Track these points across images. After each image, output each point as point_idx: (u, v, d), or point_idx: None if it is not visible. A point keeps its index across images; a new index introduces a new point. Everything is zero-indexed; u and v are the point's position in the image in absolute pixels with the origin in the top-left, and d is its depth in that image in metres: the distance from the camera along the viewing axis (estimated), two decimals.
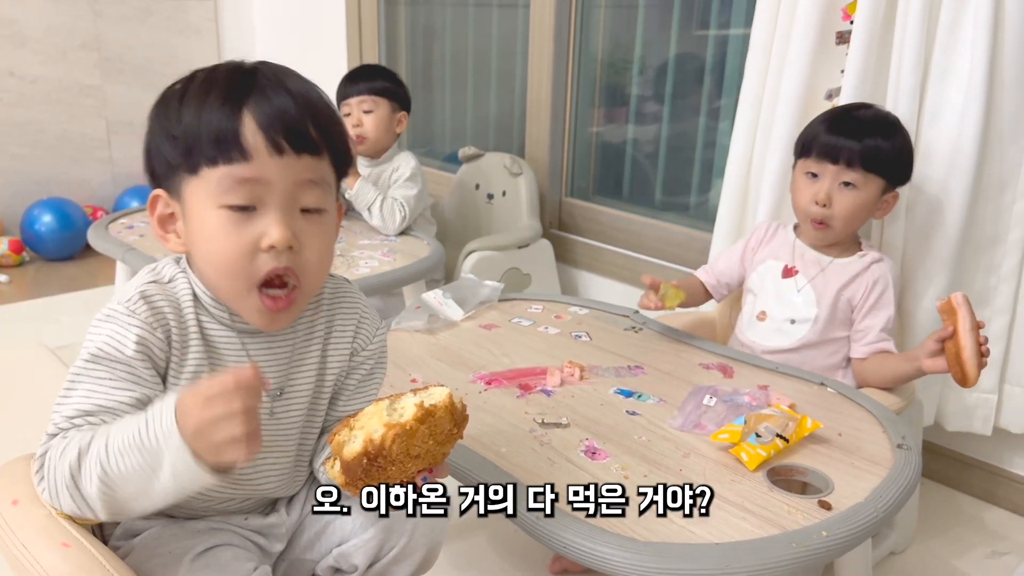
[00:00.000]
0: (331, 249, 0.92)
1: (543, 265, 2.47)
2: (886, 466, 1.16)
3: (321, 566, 1.01)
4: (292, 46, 3.62)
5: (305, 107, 0.85)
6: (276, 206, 0.84)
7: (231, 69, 0.86)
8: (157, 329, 0.87)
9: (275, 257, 0.85)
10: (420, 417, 0.82)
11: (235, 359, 0.92)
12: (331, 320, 1.00)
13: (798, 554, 0.97)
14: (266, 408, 0.95)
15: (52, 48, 3.29)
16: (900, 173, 1.53)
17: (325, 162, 0.88)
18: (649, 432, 1.24)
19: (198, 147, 0.83)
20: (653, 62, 2.50)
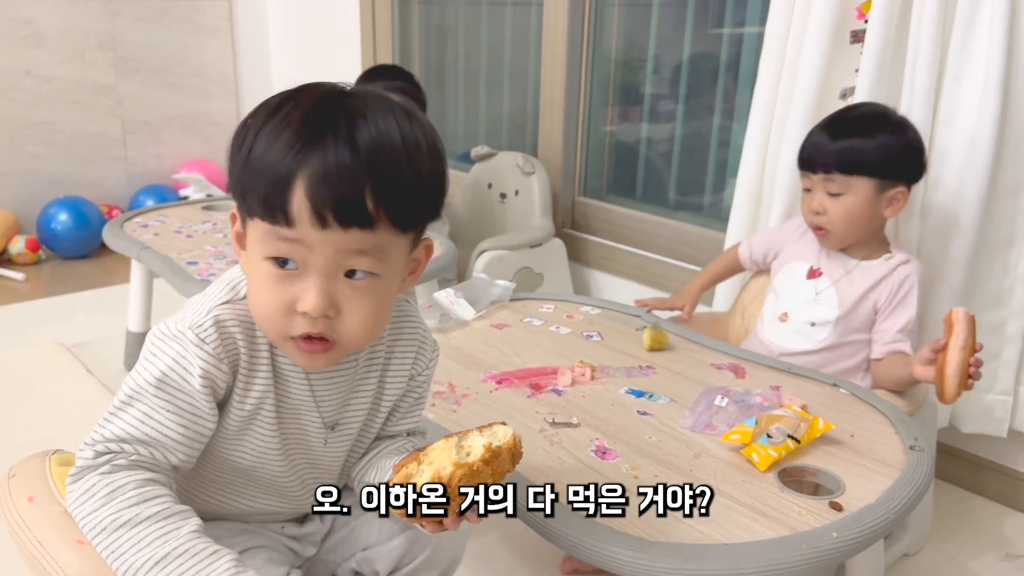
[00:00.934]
0: (380, 314, 0.86)
1: (555, 264, 2.47)
2: (898, 468, 1.16)
3: (343, 568, 1.02)
4: (306, 46, 3.63)
5: (367, 170, 0.76)
6: (317, 271, 0.80)
7: (310, 109, 0.79)
8: (224, 361, 0.85)
9: (309, 323, 0.82)
10: (487, 459, 0.83)
11: (298, 388, 0.91)
12: (392, 349, 0.98)
13: (809, 555, 0.97)
14: (321, 438, 0.95)
15: (68, 48, 3.31)
16: (893, 169, 1.48)
17: (384, 232, 0.80)
18: (660, 432, 1.23)
19: (250, 197, 0.79)
20: (667, 61, 2.49)
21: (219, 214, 2.34)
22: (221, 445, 0.91)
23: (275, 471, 0.94)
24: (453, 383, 1.37)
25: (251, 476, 0.94)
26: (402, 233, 0.82)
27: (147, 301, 2.23)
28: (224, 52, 3.72)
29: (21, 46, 3.21)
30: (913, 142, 1.50)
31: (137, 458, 0.81)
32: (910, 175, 1.51)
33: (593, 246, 2.59)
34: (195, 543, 0.77)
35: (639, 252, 2.47)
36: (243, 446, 0.91)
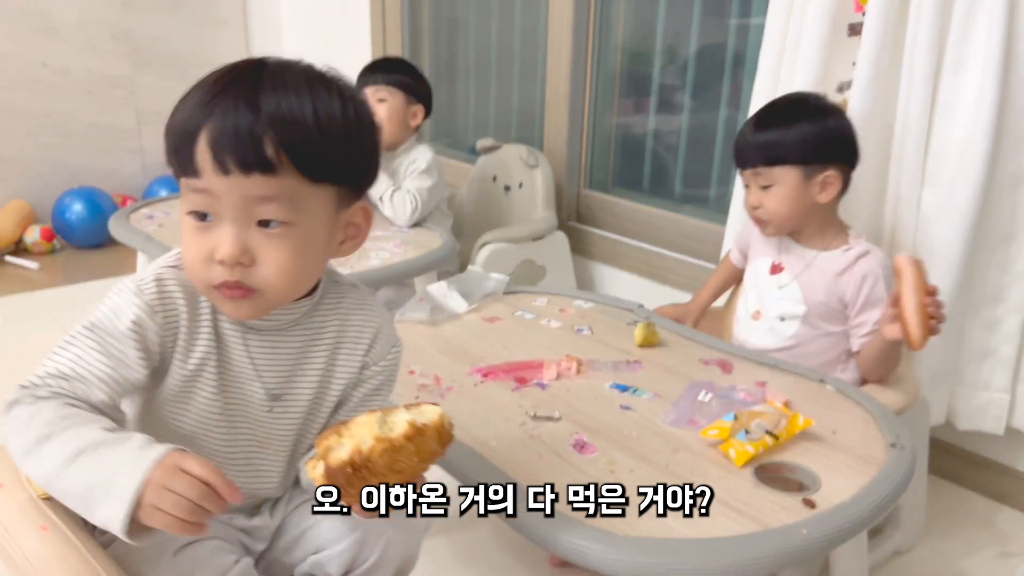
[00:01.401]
0: (301, 261, 0.88)
1: (558, 257, 2.47)
2: (877, 465, 1.15)
3: (298, 571, 1.02)
4: (318, 38, 3.65)
5: (269, 125, 0.81)
6: (228, 219, 0.85)
7: (217, 77, 0.85)
8: (159, 313, 0.89)
9: (226, 271, 0.86)
10: (410, 435, 0.83)
11: (238, 354, 0.95)
12: (343, 329, 1.00)
13: (777, 552, 0.97)
14: (262, 408, 0.97)
15: (83, 40, 3.36)
16: (814, 154, 1.48)
17: (289, 178, 0.84)
18: (641, 427, 1.24)
19: (169, 155, 0.86)
20: (674, 53, 2.48)
21: None
22: (166, 407, 0.94)
23: (218, 439, 0.96)
24: (439, 376, 1.38)
25: (196, 446, 0.95)
26: (313, 183, 0.85)
27: None
28: (237, 44, 3.75)
29: (37, 37, 3.26)
30: (833, 126, 1.50)
31: (58, 390, 0.84)
32: (837, 158, 1.50)
33: (597, 239, 2.59)
34: (104, 435, 0.80)
35: (643, 245, 2.47)
36: (187, 409, 0.94)
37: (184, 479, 0.77)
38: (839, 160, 1.50)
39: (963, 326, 1.70)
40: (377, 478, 0.83)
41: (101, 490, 0.77)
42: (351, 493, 0.84)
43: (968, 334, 1.71)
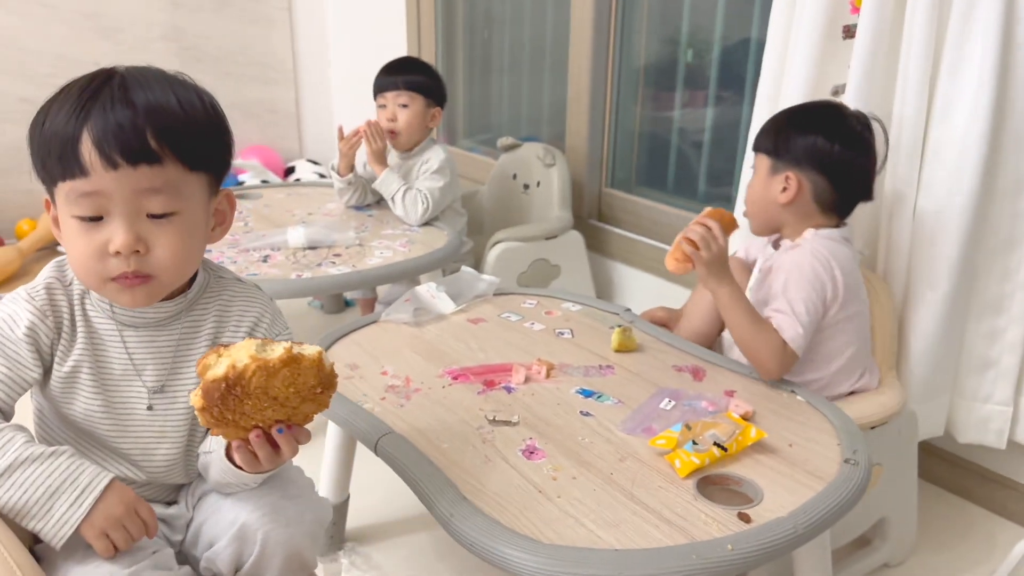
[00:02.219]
0: (189, 245, 0.96)
1: (573, 257, 2.48)
2: (826, 481, 1.14)
3: (201, 567, 1.06)
4: (360, 35, 3.72)
5: (146, 117, 0.88)
6: (119, 214, 0.91)
7: (85, 83, 0.92)
8: (48, 317, 0.98)
9: (123, 262, 0.92)
10: (285, 360, 0.86)
11: (116, 353, 1.01)
12: (222, 319, 1.05)
13: (696, 565, 0.98)
14: (144, 402, 1.03)
15: (133, 39, 3.48)
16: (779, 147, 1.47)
17: (171, 168, 0.91)
18: (595, 434, 1.25)
19: (49, 163, 0.91)
20: (699, 49, 2.46)
21: (247, 202, 2.44)
22: (58, 403, 1.01)
23: (107, 432, 1.03)
24: (410, 377, 1.42)
25: (93, 437, 1.03)
26: (191, 171, 0.93)
27: None
28: (283, 42, 3.83)
29: (90, 38, 3.39)
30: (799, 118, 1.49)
31: None
32: (802, 164, 1.45)
33: (616, 238, 2.58)
34: (31, 450, 0.89)
35: (660, 245, 2.45)
36: (72, 407, 1.01)
37: (137, 521, 0.91)
38: (802, 167, 1.45)
39: (963, 336, 1.66)
40: (253, 401, 0.87)
41: (39, 509, 0.87)
42: (225, 418, 0.87)
43: (968, 345, 1.66)
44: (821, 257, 1.43)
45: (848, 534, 1.53)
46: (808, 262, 1.42)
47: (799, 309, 1.39)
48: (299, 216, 2.31)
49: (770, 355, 1.37)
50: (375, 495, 1.74)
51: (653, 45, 2.56)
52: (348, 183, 2.33)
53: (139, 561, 0.92)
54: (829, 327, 1.47)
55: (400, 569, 1.60)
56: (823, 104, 1.54)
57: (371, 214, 2.34)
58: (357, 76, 3.71)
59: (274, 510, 1.00)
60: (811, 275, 1.41)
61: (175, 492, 1.11)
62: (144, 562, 0.92)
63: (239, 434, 0.92)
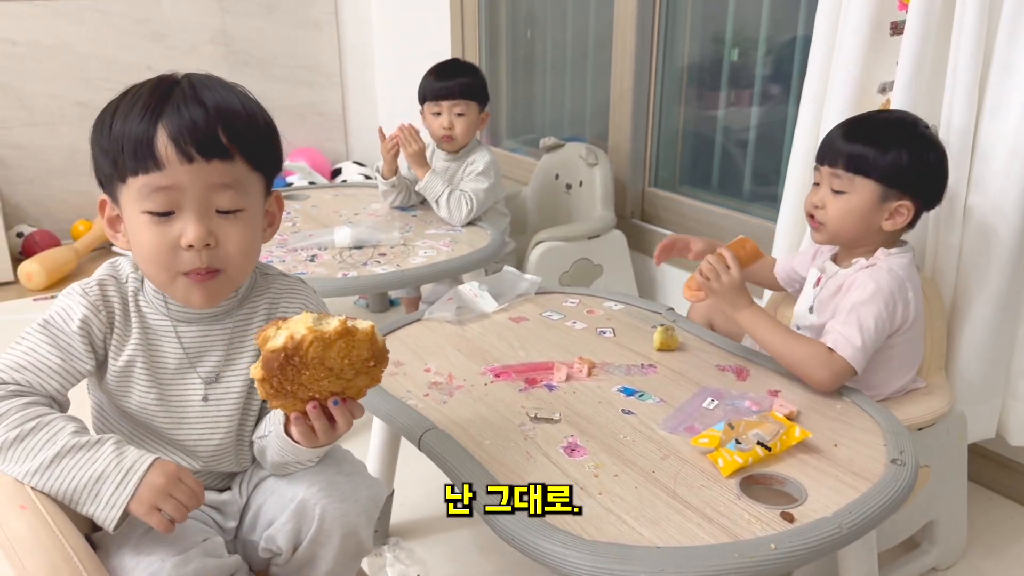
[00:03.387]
0: (252, 242, 1.01)
1: (615, 256, 2.47)
2: (871, 482, 1.13)
3: (260, 548, 1.09)
4: (404, 37, 3.75)
5: (216, 116, 0.93)
6: (192, 209, 0.95)
7: (154, 85, 0.96)
8: (102, 312, 1.01)
9: (195, 255, 0.96)
10: (341, 332, 0.90)
11: (169, 343, 1.05)
12: (271, 313, 1.09)
13: (739, 564, 0.97)
14: (200, 393, 1.06)
15: (183, 43, 3.57)
16: (899, 179, 1.40)
17: (239, 165, 0.96)
18: (637, 432, 1.25)
19: (121, 159, 0.94)
20: (743, 47, 2.44)
21: (295, 203, 2.48)
22: (114, 396, 1.05)
23: (162, 424, 1.06)
24: (453, 374, 1.43)
25: (149, 429, 1.06)
26: (255, 171, 0.99)
27: None
28: (329, 45, 3.89)
29: (142, 43, 3.48)
30: (932, 161, 1.41)
31: (16, 388, 0.95)
32: (920, 194, 1.42)
33: (660, 238, 2.54)
34: (79, 438, 0.92)
35: None
36: (128, 400, 1.05)
37: (185, 489, 0.92)
38: (919, 195, 1.43)
39: (1014, 338, 1.62)
40: (310, 371, 0.90)
41: (87, 494, 0.90)
42: (284, 388, 0.91)
43: (1020, 346, 1.63)
44: (898, 278, 1.41)
45: (896, 536, 1.52)
46: (886, 280, 1.40)
47: (867, 324, 1.37)
48: (345, 216, 2.34)
49: (816, 366, 1.35)
50: (419, 491, 1.76)
51: (697, 44, 2.55)
52: (392, 185, 2.36)
53: (189, 548, 0.95)
54: (894, 347, 1.45)
55: (443, 564, 1.61)
56: (911, 121, 1.45)
57: (415, 214, 2.37)
58: (402, 78, 3.76)
59: (330, 485, 1.04)
60: (887, 293, 1.39)
61: (227, 480, 1.14)
62: (194, 549, 0.95)
63: (296, 406, 0.95)
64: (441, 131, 2.34)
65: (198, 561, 0.94)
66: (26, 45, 3.29)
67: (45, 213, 3.46)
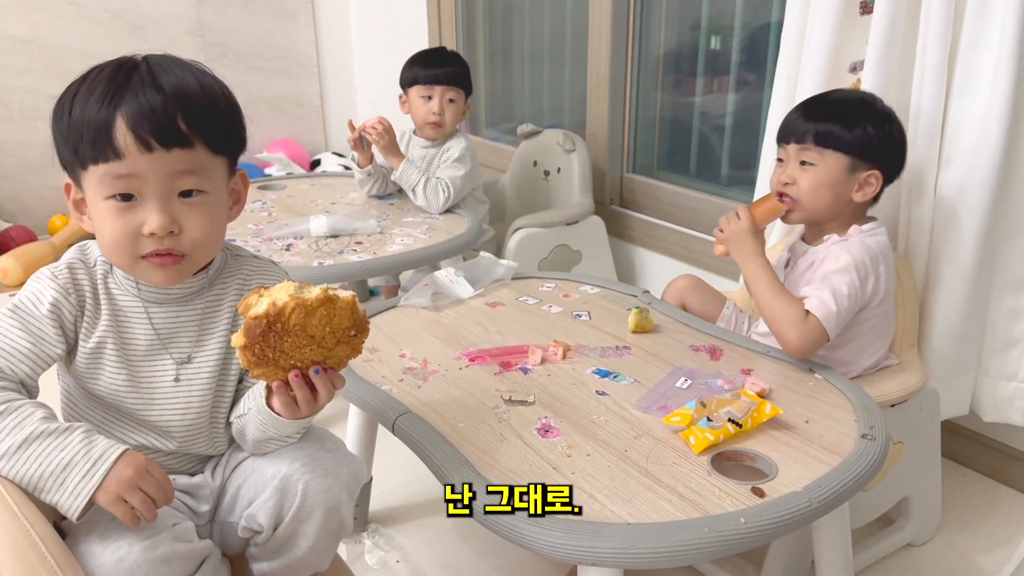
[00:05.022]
0: (216, 225, 1.01)
1: (594, 242, 2.48)
2: (842, 456, 1.14)
3: (240, 527, 1.08)
4: (382, 28, 3.74)
5: (176, 102, 0.92)
6: (153, 196, 0.94)
7: (112, 70, 0.94)
8: (72, 295, 1.01)
9: (157, 241, 0.96)
10: (322, 299, 0.91)
11: (140, 325, 1.04)
12: (242, 292, 1.08)
13: (709, 539, 0.98)
14: (172, 374, 1.06)
15: (160, 36, 3.53)
16: (867, 150, 1.43)
17: (200, 151, 0.95)
18: (610, 413, 1.25)
19: (81, 147, 0.93)
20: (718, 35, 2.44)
21: (271, 193, 2.47)
22: (83, 379, 1.04)
23: (133, 405, 1.05)
24: (428, 359, 1.43)
25: (119, 411, 1.06)
26: (215, 155, 0.98)
27: None
28: (306, 35, 3.87)
29: (118, 35, 3.45)
30: (894, 133, 1.45)
31: None
32: (886, 164, 1.45)
33: (638, 223, 2.58)
34: (47, 425, 0.91)
35: (681, 230, 2.45)
36: (98, 382, 1.04)
37: (151, 480, 0.91)
38: (885, 166, 1.45)
39: (986, 315, 1.64)
40: (292, 338, 0.90)
41: (53, 481, 0.89)
42: (266, 356, 0.91)
43: (992, 323, 1.64)
44: (871, 251, 1.43)
45: (871, 513, 1.53)
46: (858, 251, 1.42)
47: (840, 290, 1.38)
48: (322, 205, 2.33)
49: (790, 325, 1.37)
50: (398, 478, 1.77)
51: (673, 31, 2.55)
52: (368, 174, 2.35)
53: (158, 533, 0.94)
54: (865, 322, 1.47)
55: (422, 549, 1.62)
56: (870, 98, 1.48)
57: (392, 203, 2.36)
58: (380, 68, 3.75)
59: (313, 460, 1.03)
60: (860, 263, 1.41)
61: (200, 463, 1.14)
62: (163, 534, 0.94)
63: (278, 375, 0.95)
64: (430, 116, 2.34)
65: (167, 546, 0.94)
66: (1, 39, 3.25)
67: (21, 209, 3.43)
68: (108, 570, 0.91)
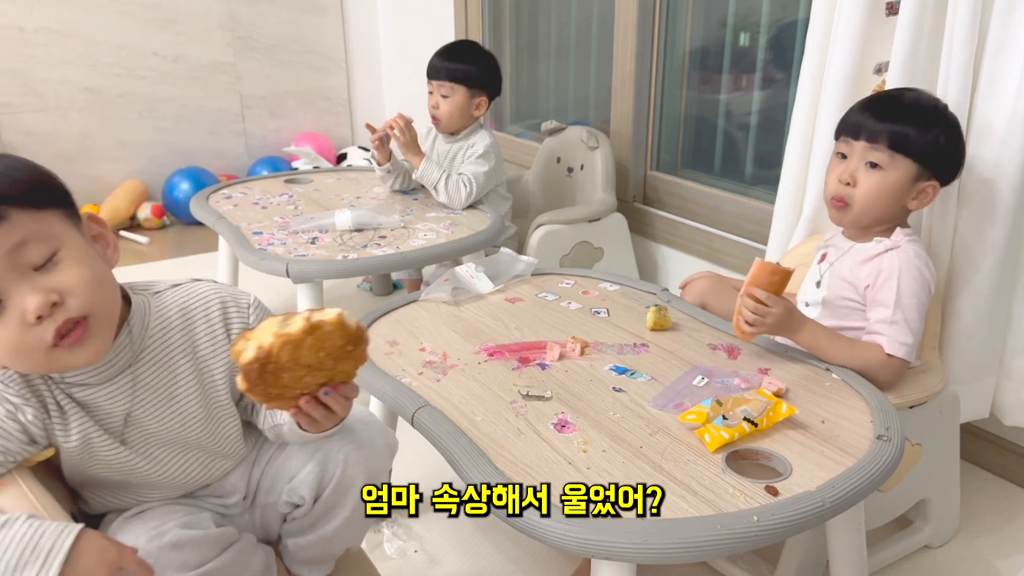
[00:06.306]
0: (95, 273, 0.90)
1: (616, 239, 2.48)
2: (856, 457, 1.14)
3: (281, 503, 1.11)
4: (409, 23, 3.76)
5: None
6: (10, 286, 0.84)
7: None
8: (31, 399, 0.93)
9: (51, 322, 0.86)
10: (307, 329, 0.89)
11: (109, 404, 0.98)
12: (189, 327, 1.03)
13: (722, 536, 0.99)
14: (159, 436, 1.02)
15: (190, 29, 3.58)
16: (935, 160, 1.42)
17: (18, 216, 0.84)
18: (626, 409, 1.27)
19: None
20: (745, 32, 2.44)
21: (298, 187, 2.50)
22: (84, 470, 1.00)
23: (149, 471, 1.03)
24: (447, 353, 1.45)
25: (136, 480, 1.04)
26: (40, 211, 0.86)
27: (233, 265, 2.43)
28: (335, 30, 3.91)
29: (149, 28, 3.50)
30: (960, 144, 1.46)
31: None
32: (946, 175, 1.45)
33: (661, 221, 2.58)
34: None
35: (704, 228, 2.45)
36: (101, 469, 1.00)
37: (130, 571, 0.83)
38: (944, 176, 1.45)
39: (1008, 318, 1.63)
40: (289, 373, 0.91)
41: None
42: (272, 392, 0.92)
43: (1015, 326, 1.63)
44: (924, 259, 1.44)
45: (888, 514, 1.53)
46: (916, 266, 1.42)
47: (912, 316, 1.40)
48: (347, 200, 2.36)
49: (877, 370, 1.39)
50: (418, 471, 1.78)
51: (699, 27, 2.55)
52: (388, 171, 2.38)
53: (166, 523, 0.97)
54: None
55: (440, 540, 1.64)
56: (936, 102, 1.46)
57: (416, 198, 2.38)
58: (407, 63, 3.77)
59: (352, 433, 1.08)
60: (920, 279, 1.42)
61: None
62: (170, 522, 0.97)
63: (292, 404, 0.96)
64: (430, 110, 2.37)
65: (174, 533, 0.96)
66: (35, 31, 3.31)
67: None
68: None
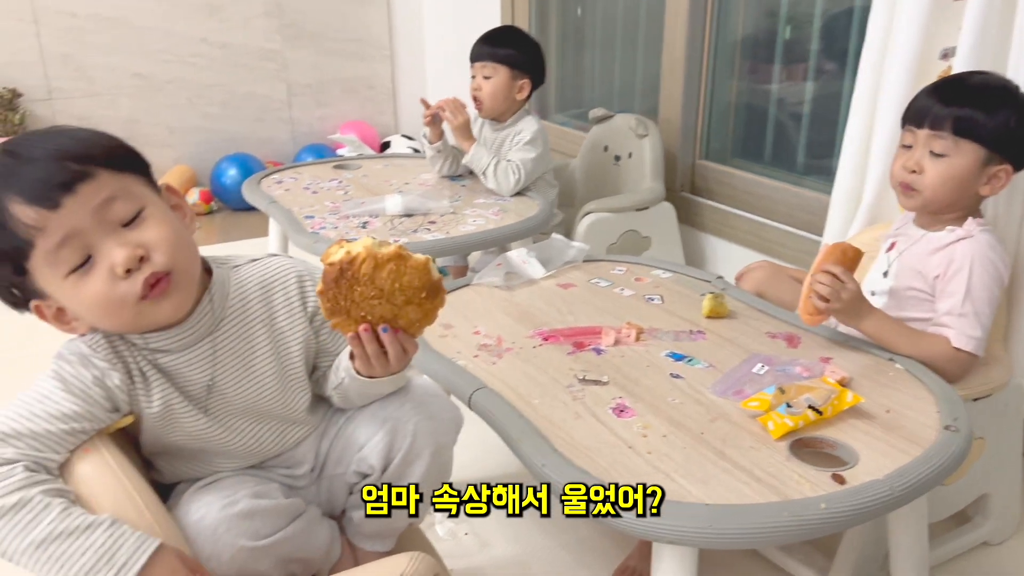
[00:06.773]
0: (177, 233, 0.95)
1: (664, 228, 2.46)
2: (923, 447, 1.12)
3: (349, 474, 1.13)
4: (454, 11, 3.75)
5: (54, 156, 0.88)
6: (100, 240, 0.89)
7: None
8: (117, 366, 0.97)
9: (139, 274, 0.91)
10: (393, 255, 0.95)
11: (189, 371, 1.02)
12: (268, 297, 1.07)
13: (788, 523, 0.97)
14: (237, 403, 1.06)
15: (237, 16, 3.61)
16: (1005, 143, 1.37)
17: (103, 175, 0.90)
18: (685, 395, 1.25)
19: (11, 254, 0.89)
20: (798, 22, 2.40)
21: (347, 172, 2.51)
22: (162, 438, 1.03)
23: (226, 440, 1.07)
24: (502, 337, 1.44)
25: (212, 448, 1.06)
26: (122, 173, 0.92)
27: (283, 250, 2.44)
28: (380, 19, 3.91)
29: (197, 16, 3.54)
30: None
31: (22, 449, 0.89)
32: (1018, 158, 1.39)
33: (709, 210, 2.55)
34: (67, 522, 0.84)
35: (754, 218, 2.42)
36: (179, 437, 1.03)
37: None
38: (1018, 162, 1.40)
39: None
40: (361, 288, 0.95)
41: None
42: (339, 304, 0.95)
43: None
44: (997, 250, 1.40)
45: (948, 508, 1.50)
46: (989, 257, 1.39)
47: (982, 309, 1.37)
48: (396, 185, 2.36)
49: (944, 363, 1.35)
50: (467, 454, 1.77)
51: (752, 16, 2.51)
52: (438, 151, 2.38)
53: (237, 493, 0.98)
54: None
55: (491, 523, 1.63)
56: (1007, 83, 1.40)
57: (464, 184, 2.38)
58: (451, 52, 3.76)
59: (421, 404, 1.10)
60: (992, 270, 1.38)
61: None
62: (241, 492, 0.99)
63: (350, 326, 0.99)
64: (472, 92, 2.37)
65: (245, 502, 0.98)
66: (86, 18, 3.36)
67: None
68: (193, 529, 0.96)
